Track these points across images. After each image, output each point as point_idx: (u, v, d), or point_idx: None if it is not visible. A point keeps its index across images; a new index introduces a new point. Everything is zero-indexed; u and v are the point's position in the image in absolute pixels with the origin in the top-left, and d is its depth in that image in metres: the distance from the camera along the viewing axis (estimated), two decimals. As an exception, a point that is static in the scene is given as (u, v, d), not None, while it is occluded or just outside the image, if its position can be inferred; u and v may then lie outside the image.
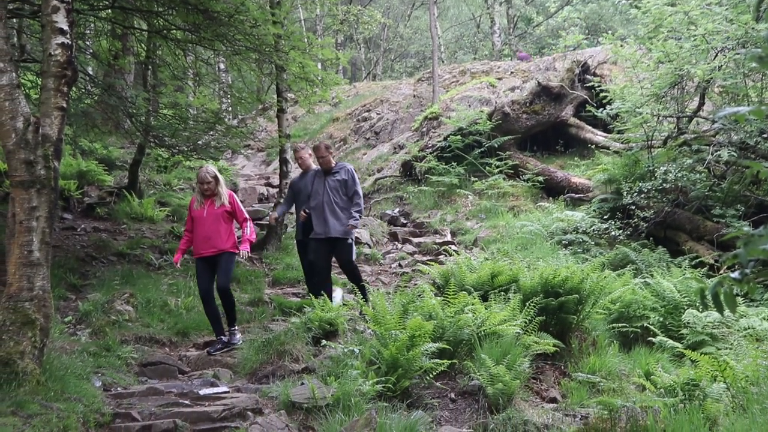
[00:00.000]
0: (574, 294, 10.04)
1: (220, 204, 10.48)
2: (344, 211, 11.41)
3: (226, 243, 10.42)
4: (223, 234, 10.43)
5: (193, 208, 10.61)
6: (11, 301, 7.24)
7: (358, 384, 7.71)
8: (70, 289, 11.81)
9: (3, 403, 6.69)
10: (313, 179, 11.70)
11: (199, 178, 10.61)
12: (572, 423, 7.87)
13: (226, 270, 10.40)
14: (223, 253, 10.37)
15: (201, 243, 10.43)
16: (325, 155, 11.60)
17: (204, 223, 10.42)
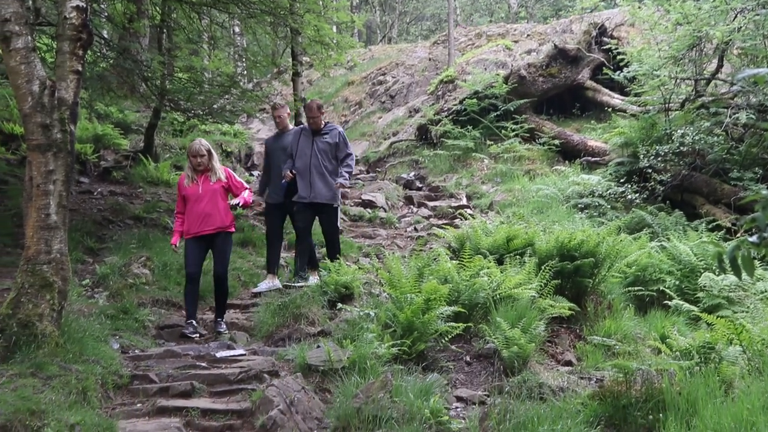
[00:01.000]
0: (590, 257, 10.02)
1: (216, 179, 9.82)
2: (332, 176, 10.94)
3: (225, 220, 9.79)
4: (222, 210, 9.78)
5: (184, 186, 9.85)
6: (29, 264, 7.29)
7: (373, 347, 7.74)
8: (87, 253, 11.86)
9: (23, 364, 6.76)
10: (299, 138, 11.13)
11: (192, 151, 9.90)
12: (587, 386, 7.89)
13: (224, 253, 9.83)
14: (221, 232, 9.75)
15: (199, 221, 9.70)
16: (316, 115, 11.04)
17: (201, 200, 9.71)
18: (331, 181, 10.87)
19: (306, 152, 10.96)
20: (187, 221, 9.79)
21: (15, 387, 6.33)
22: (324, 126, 11.13)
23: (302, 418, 6.81)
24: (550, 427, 5.84)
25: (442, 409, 6.60)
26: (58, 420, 5.88)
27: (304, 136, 11.11)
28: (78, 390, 6.70)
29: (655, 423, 6.33)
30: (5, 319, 7.04)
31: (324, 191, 10.85)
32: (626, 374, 6.89)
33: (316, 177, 10.83)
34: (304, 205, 10.90)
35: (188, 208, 9.78)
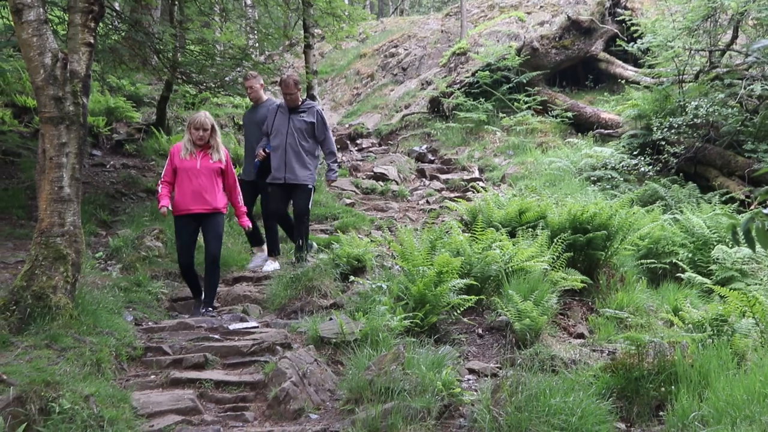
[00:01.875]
0: (603, 230, 10.00)
1: (217, 158, 9.28)
2: (309, 156, 10.55)
3: (220, 201, 9.28)
4: (217, 191, 9.27)
5: (180, 158, 9.25)
6: (43, 237, 7.32)
7: (385, 319, 7.76)
8: (100, 225, 11.91)
9: (37, 336, 6.80)
10: (275, 115, 10.66)
11: (196, 123, 9.27)
12: (599, 358, 7.90)
13: (218, 235, 9.30)
14: (216, 212, 9.24)
15: (191, 198, 9.14)
16: (293, 92, 10.52)
17: (197, 176, 9.16)
18: (308, 161, 10.50)
19: (282, 130, 10.53)
20: (178, 196, 9.21)
21: (30, 358, 6.38)
22: (301, 103, 10.69)
23: (315, 389, 6.84)
24: (562, 399, 5.84)
25: (454, 381, 6.61)
26: (72, 391, 5.91)
27: (280, 114, 10.68)
28: (92, 361, 6.74)
29: (667, 395, 6.34)
30: (19, 291, 7.09)
31: (299, 172, 10.45)
32: (638, 347, 6.89)
33: (292, 156, 10.44)
34: (278, 186, 10.51)
35: (181, 182, 9.21)
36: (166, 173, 9.35)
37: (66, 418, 5.66)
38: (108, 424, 5.72)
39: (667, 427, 6.00)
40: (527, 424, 5.60)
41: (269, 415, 6.59)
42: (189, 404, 6.48)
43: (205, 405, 6.66)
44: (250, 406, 6.73)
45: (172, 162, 9.29)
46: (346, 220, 13.11)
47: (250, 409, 6.67)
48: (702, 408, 5.90)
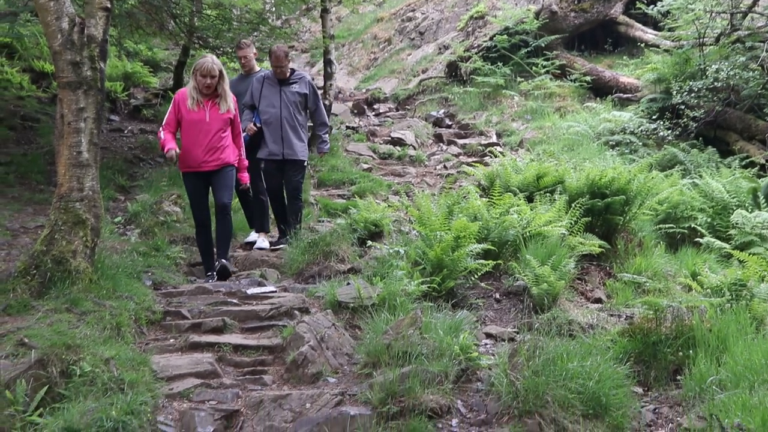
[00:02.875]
0: (621, 195, 9.96)
1: (226, 108, 8.72)
2: (303, 129, 10.25)
3: (230, 155, 8.83)
4: (228, 144, 8.81)
5: (187, 109, 8.64)
6: (62, 202, 7.35)
7: (403, 284, 7.77)
8: (118, 190, 11.96)
9: (58, 300, 6.85)
10: (261, 87, 10.15)
11: (203, 69, 8.58)
12: (617, 323, 7.90)
13: (228, 185, 8.86)
14: (226, 166, 8.81)
15: (201, 153, 8.62)
16: (283, 64, 10.06)
17: (208, 129, 8.62)
18: (303, 135, 10.23)
19: (274, 103, 10.09)
20: (186, 152, 8.66)
21: (51, 322, 6.43)
22: (291, 74, 10.26)
23: (332, 353, 6.87)
24: (579, 364, 5.85)
25: (471, 345, 6.63)
26: (93, 354, 5.97)
27: (268, 85, 10.19)
28: (112, 325, 6.80)
29: (685, 359, 6.34)
30: (40, 256, 7.13)
31: (298, 147, 10.15)
32: (656, 311, 6.89)
33: (289, 131, 10.07)
34: (274, 162, 10.13)
35: (189, 136, 8.65)
36: (169, 122, 8.72)
37: (87, 380, 5.72)
38: (128, 386, 5.77)
39: (685, 392, 6.01)
40: (544, 388, 5.61)
41: (287, 379, 6.63)
42: (208, 368, 6.53)
43: (224, 368, 6.71)
44: (268, 370, 6.77)
45: (178, 111, 8.68)
46: (364, 185, 13.12)
47: (268, 373, 6.71)
48: (720, 372, 5.90)
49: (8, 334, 6.17)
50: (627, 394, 5.94)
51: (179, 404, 6.03)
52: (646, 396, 6.36)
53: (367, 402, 5.83)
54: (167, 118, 8.75)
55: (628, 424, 5.70)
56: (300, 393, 6.13)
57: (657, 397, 6.30)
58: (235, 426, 5.83)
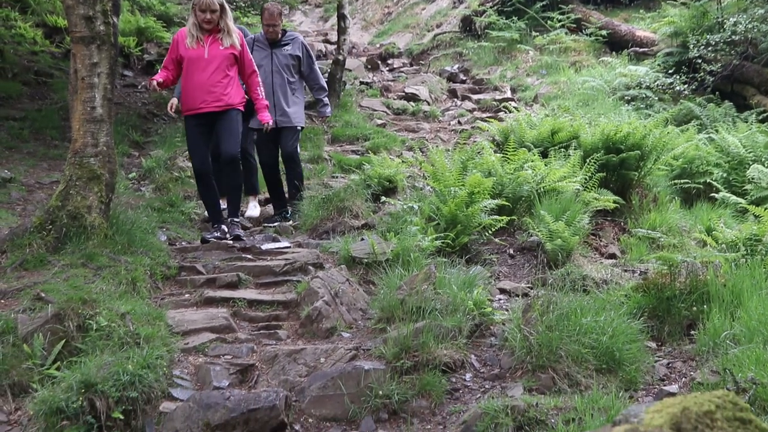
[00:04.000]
0: (636, 150, 9.90)
1: (229, 43, 8.09)
2: (297, 93, 9.62)
3: (235, 96, 8.18)
4: (231, 84, 8.14)
5: (184, 47, 8.09)
6: (77, 157, 7.37)
7: (417, 240, 7.78)
8: (133, 146, 11.97)
9: (73, 255, 6.90)
10: (251, 51, 8.93)
11: (202, 3, 8.02)
12: (631, 278, 7.89)
13: (234, 131, 8.19)
14: (231, 109, 8.15)
15: (200, 94, 8.03)
16: (276, 22, 9.44)
17: (206, 67, 8.01)
18: (297, 99, 9.57)
19: (265, 68, 9.33)
20: (185, 94, 8.15)
21: (67, 277, 6.48)
22: (283, 35, 9.60)
23: (347, 309, 6.91)
24: (593, 319, 5.86)
25: (485, 300, 6.65)
26: (109, 309, 6.02)
27: (258, 48, 9.48)
28: (127, 280, 6.85)
29: (699, 315, 6.34)
30: (55, 211, 7.17)
31: (292, 113, 9.51)
32: (671, 266, 6.88)
33: (281, 97, 9.46)
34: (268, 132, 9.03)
35: (188, 76, 8.09)
36: (165, 64, 8.25)
37: (103, 335, 5.78)
38: (144, 341, 5.82)
39: (699, 346, 6.02)
40: (558, 343, 5.63)
41: (302, 334, 6.67)
42: (223, 322, 6.58)
43: (239, 323, 6.76)
44: (282, 325, 6.82)
45: (176, 50, 8.15)
46: (378, 140, 13.07)
47: (282, 328, 6.75)
48: (734, 327, 5.90)
49: (25, 289, 6.22)
50: (640, 348, 5.95)
51: (195, 358, 6.09)
52: (660, 351, 6.37)
53: (381, 356, 5.88)
54: (166, 59, 8.32)
55: (641, 378, 5.73)
56: (314, 348, 6.17)
57: (670, 352, 6.32)
58: (250, 380, 5.88)
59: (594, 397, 5.06)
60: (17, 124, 11.68)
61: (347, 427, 5.42)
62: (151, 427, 5.23)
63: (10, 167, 9.90)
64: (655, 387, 5.66)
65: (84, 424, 4.96)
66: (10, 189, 9.20)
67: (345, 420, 5.46)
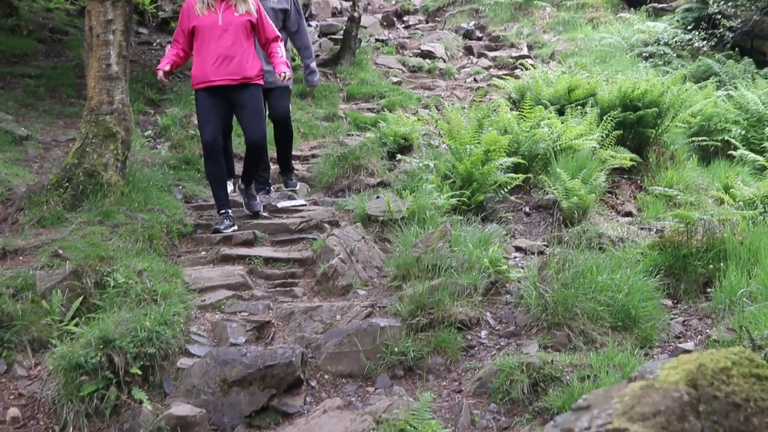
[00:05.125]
0: (654, 107, 9.83)
1: (244, 10, 7.35)
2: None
3: (251, 68, 7.37)
4: (247, 54, 7.36)
5: (195, 14, 7.34)
6: (92, 114, 7.37)
7: (432, 198, 7.77)
8: (148, 104, 11.95)
9: (90, 212, 6.93)
10: None
11: None
12: (647, 236, 7.87)
13: (258, 112, 7.49)
14: (247, 84, 7.36)
15: (214, 66, 7.25)
16: None
17: (221, 35, 7.25)
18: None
19: None
20: (196, 65, 7.39)
21: (84, 234, 6.51)
22: None
23: (362, 266, 6.93)
24: (608, 276, 5.86)
25: (500, 258, 6.65)
26: (126, 266, 6.06)
27: None
28: (144, 238, 6.88)
29: (716, 272, 6.33)
30: (72, 169, 7.19)
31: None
32: (687, 224, 6.85)
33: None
34: None
35: (200, 47, 7.34)
36: (176, 37, 7.56)
37: (120, 291, 5.82)
38: (161, 298, 5.86)
39: (715, 304, 6.02)
40: (573, 300, 5.64)
41: (318, 291, 6.70)
42: (239, 280, 6.61)
43: (255, 281, 6.79)
44: (298, 282, 6.84)
45: (187, 21, 7.41)
46: (393, 98, 13.02)
47: (298, 285, 6.77)
48: (750, 285, 5.89)
49: (43, 246, 6.26)
50: (656, 306, 5.96)
51: (211, 315, 6.13)
52: (676, 308, 6.38)
53: (397, 314, 5.90)
54: (176, 32, 7.57)
55: (656, 335, 5.73)
56: (330, 305, 6.20)
57: (686, 310, 6.31)
58: (267, 337, 5.91)
59: (609, 355, 5.06)
60: (33, 82, 11.67)
61: (363, 384, 5.45)
62: (169, 382, 5.28)
63: (27, 125, 9.91)
64: (670, 344, 5.67)
65: (102, 379, 5.02)
66: (26, 146, 9.21)
67: (361, 376, 5.49)
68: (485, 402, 5.01)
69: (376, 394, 5.26)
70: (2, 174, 7.69)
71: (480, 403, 5.02)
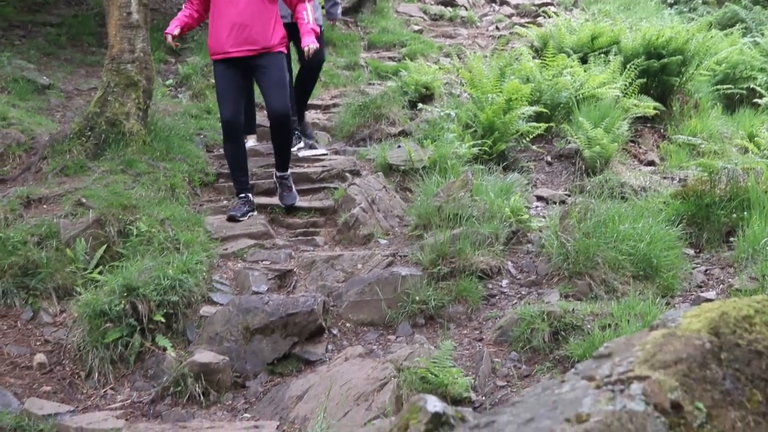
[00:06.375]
0: (678, 55, 9.71)
1: None
2: None
3: (273, 37, 6.55)
4: (268, 20, 6.53)
5: None
6: (114, 63, 7.37)
7: (454, 147, 7.74)
8: (169, 53, 11.89)
9: (113, 161, 6.97)
10: None
11: None
12: (670, 185, 7.83)
13: (281, 82, 6.63)
14: (268, 53, 6.56)
15: (230, 35, 6.45)
16: None
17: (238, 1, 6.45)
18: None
19: None
20: (212, 34, 6.61)
21: (107, 183, 6.55)
22: None
23: (383, 215, 6.94)
24: (630, 226, 5.84)
25: (522, 207, 6.64)
26: (149, 215, 6.10)
27: None
28: (166, 186, 6.91)
29: (739, 221, 6.28)
30: (94, 117, 7.22)
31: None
32: (711, 173, 6.79)
33: None
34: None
35: (216, 13, 6.55)
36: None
37: (143, 240, 5.87)
38: (184, 246, 5.91)
39: (737, 253, 5.98)
40: (595, 249, 5.63)
41: (339, 240, 6.73)
42: (261, 229, 6.65)
43: (276, 230, 6.83)
44: (320, 231, 6.88)
45: None
46: (414, 47, 12.91)
47: (320, 234, 6.81)
48: (773, 234, 5.85)
49: (66, 195, 6.31)
50: (678, 255, 5.94)
51: (233, 264, 6.18)
52: (698, 257, 6.35)
53: (418, 263, 5.92)
54: None
55: (678, 285, 5.72)
56: (351, 254, 6.22)
57: (708, 259, 6.29)
58: (288, 285, 5.96)
59: (630, 303, 5.06)
60: (54, 30, 11.66)
61: (384, 332, 5.49)
62: (192, 330, 5.34)
63: (48, 74, 9.92)
64: (692, 293, 5.66)
65: (126, 326, 5.09)
66: (48, 95, 9.24)
67: (382, 325, 5.53)
68: (506, 350, 5.04)
69: (397, 342, 5.30)
70: (25, 123, 7.72)
71: (501, 352, 5.05)
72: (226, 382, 4.87)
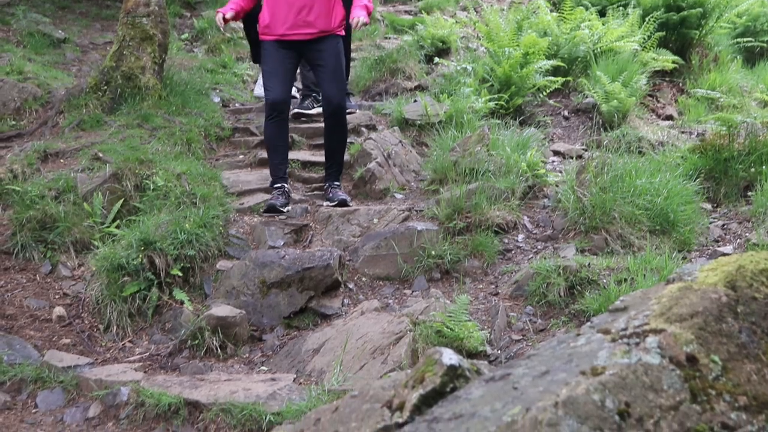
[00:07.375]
0: (698, 8, 9.60)
1: None
2: None
3: (332, 20, 6.08)
4: (329, 2, 6.07)
5: None
6: (129, 17, 7.35)
7: (470, 101, 7.70)
8: (184, 6, 11.87)
9: (129, 116, 6.97)
10: None
11: None
12: (688, 140, 7.78)
13: (338, 70, 6.15)
14: (326, 37, 6.09)
15: (291, 15, 5.99)
16: None
17: None
18: None
19: None
20: (266, 11, 6.10)
21: (123, 137, 6.57)
22: None
23: (399, 170, 6.92)
24: (647, 180, 5.81)
25: (538, 162, 6.61)
26: (165, 169, 6.10)
27: None
28: (182, 141, 6.92)
29: (757, 176, 6.24)
30: (110, 72, 7.21)
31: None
32: (729, 127, 6.74)
33: None
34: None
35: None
36: None
37: (160, 194, 5.89)
38: (200, 201, 5.92)
39: (755, 208, 5.95)
40: (612, 204, 5.60)
41: (355, 195, 6.72)
42: (277, 183, 6.63)
43: (293, 184, 6.81)
44: (336, 186, 6.86)
45: None
46: (431, 0, 12.82)
47: (336, 189, 6.80)
48: (792, 189, 5.81)
49: (83, 149, 6.33)
50: (695, 210, 5.91)
51: (250, 218, 6.18)
52: (715, 212, 6.32)
53: (434, 217, 5.91)
54: None
55: (695, 239, 5.70)
56: (367, 209, 6.22)
57: (726, 213, 6.26)
58: (305, 240, 5.96)
59: (647, 258, 5.05)
60: (69, -16, 11.64)
61: (400, 286, 5.50)
62: (209, 284, 5.37)
63: (64, 27, 9.91)
64: (709, 248, 5.64)
65: (144, 280, 5.12)
66: (64, 49, 9.23)
67: (398, 279, 5.55)
68: (521, 304, 5.05)
69: (413, 297, 5.31)
70: (41, 77, 7.73)
71: (516, 306, 5.05)
72: (243, 336, 4.90)
